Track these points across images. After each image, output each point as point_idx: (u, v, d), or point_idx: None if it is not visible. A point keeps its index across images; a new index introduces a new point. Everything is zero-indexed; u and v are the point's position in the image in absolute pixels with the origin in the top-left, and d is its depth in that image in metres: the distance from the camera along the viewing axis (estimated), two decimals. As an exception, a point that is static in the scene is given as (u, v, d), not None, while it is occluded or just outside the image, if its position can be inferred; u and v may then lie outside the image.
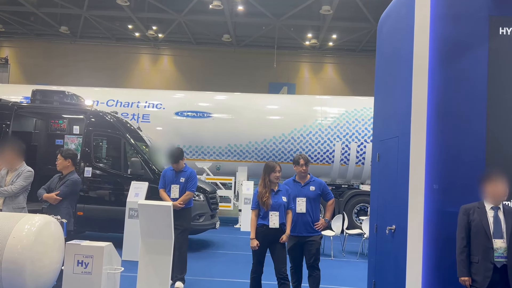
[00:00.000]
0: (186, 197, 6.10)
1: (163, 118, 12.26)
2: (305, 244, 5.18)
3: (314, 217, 5.21)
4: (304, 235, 5.15)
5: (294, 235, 5.16)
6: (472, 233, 3.72)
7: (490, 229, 3.63)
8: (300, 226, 5.14)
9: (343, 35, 20.92)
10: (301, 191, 5.26)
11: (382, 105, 5.68)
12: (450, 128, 4.37)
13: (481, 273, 3.63)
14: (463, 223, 3.77)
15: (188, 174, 6.34)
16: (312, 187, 5.28)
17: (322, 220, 5.26)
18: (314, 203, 5.26)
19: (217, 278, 6.47)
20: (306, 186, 5.29)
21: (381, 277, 5.30)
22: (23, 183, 5.08)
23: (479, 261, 3.66)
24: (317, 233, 5.23)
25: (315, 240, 5.19)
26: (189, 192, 6.17)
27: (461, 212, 3.86)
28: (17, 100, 10.75)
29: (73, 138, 9.36)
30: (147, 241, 4.13)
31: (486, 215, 3.69)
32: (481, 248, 3.65)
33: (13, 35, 23.65)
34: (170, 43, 23.55)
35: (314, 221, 5.19)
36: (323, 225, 5.25)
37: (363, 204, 11.28)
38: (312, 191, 5.26)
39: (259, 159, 12.12)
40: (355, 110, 12.23)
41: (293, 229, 5.15)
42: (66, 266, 3.52)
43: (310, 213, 5.18)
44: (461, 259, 3.73)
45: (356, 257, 8.50)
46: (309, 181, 5.33)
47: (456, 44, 4.43)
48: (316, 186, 5.30)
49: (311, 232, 5.17)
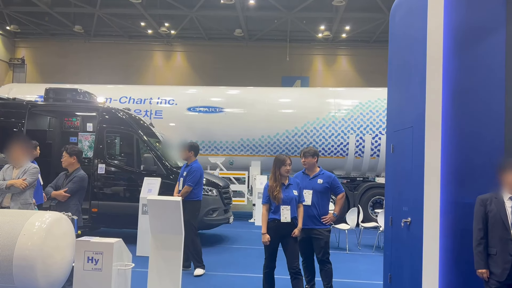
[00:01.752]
0: (183, 190, 6.30)
1: (175, 113, 12.27)
2: (313, 237, 5.12)
3: (321, 210, 5.13)
4: (310, 227, 5.08)
5: (302, 228, 5.08)
6: (490, 224, 3.60)
7: (508, 220, 3.50)
8: (305, 218, 5.06)
9: (357, 26, 20.62)
10: (309, 183, 5.20)
11: (396, 95, 5.54)
12: (467, 116, 4.23)
13: (500, 265, 3.51)
14: (480, 214, 3.65)
15: (190, 168, 6.47)
16: (320, 180, 5.20)
17: (330, 214, 5.17)
18: (321, 196, 5.18)
19: (231, 273, 6.44)
20: (314, 179, 5.22)
21: (397, 271, 5.19)
22: (30, 179, 5.10)
23: (497, 253, 3.54)
24: (324, 226, 5.14)
25: (322, 233, 5.11)
26: (186, 185, 6.31)
27: (477, 203, 3.73)
28: (31, 99, 10.88)
29: (86, 135, 9.43)
30: (157, 237, 4.10)
31: (504, 206, 3.56)
32: (499, 240, 3.53)
33: (29, 36, 23.98)
34: (183, 39, 23.58)
35: (321, 214, 5.12)
36: (331, 219, 5.16)
37: (379, 197, 11.11)
38: (319, 184, 5.18)
39: (272, 153, 12.04)
40: (369, 102, 12.03)
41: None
42: (76, 263, 3.52)
43: (316, 206, 5.10)
44: (479, 251, 3.63)
45: (372, 250, 8.38)
46: (318, 173, 5.26)
47: (471, 29, 4.27)
48: (324, 179, 5.22)
49: (318, 224, 5.10)
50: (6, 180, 5.10)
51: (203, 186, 6.73)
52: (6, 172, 5.23)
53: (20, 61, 24.05)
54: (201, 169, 6.58)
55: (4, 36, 23.35)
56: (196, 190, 6.46)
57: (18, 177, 5.10)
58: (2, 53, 23.41)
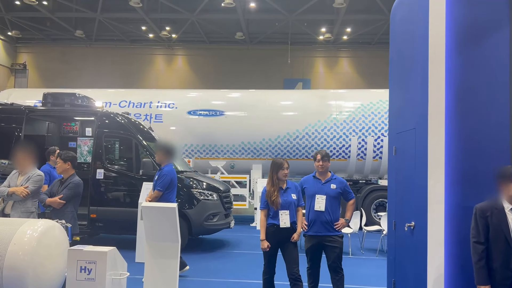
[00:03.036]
0: (153, 195, 6.03)
1: (176, 117, 12.17)
2: (325, 245, 4.92)
3: (333, 216, 4.94)
4: (324, 234, 4.89)
5: (313, 235, 4.92)
6: (490, 237, 3.36)
7: (510, 234, 3.30)
8: (318, 225, 4.89)
9: (358, 28, 20.52)
10: (322, 188, 4.99)
11: (398, 96, 5.42)
12: (470, 117, 4.10)
13: (499, 281, 3.32)
14: (481, 227, 3.40)
15: (160, 172, 6.21)
16: (333, 185, 5.01)
17: (343, 220, 4.99)
18: (334, 202, 4.99)
19: (232, 280, 6.32)
20: (327, 184, 5.02)
21: (401, 276, 5.06)
22: (32, 187, 5.02)
23: (496, 268, 3.34)
24: (338, 232, 4.96)
25: (336, 240, 4.93)
26: (156, 190, 6.04)
27: (477, 214, 3.48)
28: (31, 104, 10.82)
29: (85, 140, 9.33)
30: (152, 245, 3.99)
31: (506, 218, 3.33)
32: (500, 255, 3.31)
33: (30, 41, 24.01)
34: (184, 43, 23.54)
35: (333, 220, 4.92)
36: (343, 225, 4.98)
37: (382, 199, 10.97)
38: (332, 189, 4.99)
39: (274, 156, 11.91)
40: (371, 103, 11.91)
41: (311, 228, 4.93)
42: (68, 273, 3.40)
43: (330, 212, 4.91)
44: (481, 266, 3.37)
45: (376, 254, 8.24)
46: (330, 178, 5.07)
47: (474, 27, 4.15)
48: (337, 184, 5.04)
49: (331, 231, 4.91)
50: (11, 186, 5.02)
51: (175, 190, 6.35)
52: (12, 179, 5.16)
53: (21, 67, 24.08)
54: (172, 172, 6.22)
55: (5, 42, 23.38)
56: (167, 195, 6.08)
57: (21, 184, 5.02)
58: (3, 59, 23.44)
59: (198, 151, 12.16)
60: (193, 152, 12.18)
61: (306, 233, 5.01)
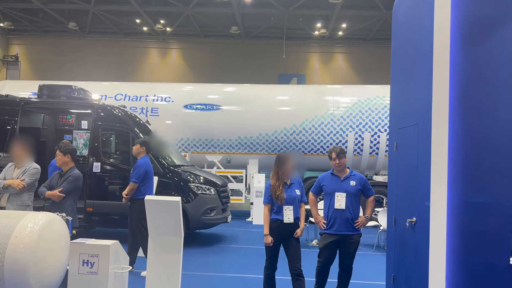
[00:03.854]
0: (128, 188, 6.17)
1: (172, 111, 12.09)
2: (344, 244, 4.86)
3: (354, 213, 4.83)
4: (344, 233, 4.81)
5: (332, 233, 4.83)
6: None
7: None
8: (339, 223, 4.80)
9: (353, 24, 20.51)
10: (341, 185, 4.88)
11: (400, 91, 5.41)
12: (475, 112, 4.10)
13: None
14: None
15: (135, 164, 6.32)
16: (352, 182, 4.89)
17: (363, 217, 4.89)
18: (355, 199, 4.88)
19: (229, 274, 6.30)
20: (346, 181, 4.91)
21: (401, 272, 5.07)
22: (28, 180, 4.95)
23: None
24: (357, 232, 4.89)
25: (355, 239, 4.86)
26: (131, 182, 6.16)
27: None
28: (25, 96, 10.67)
29: (81, 133, 9.24)
30: (155, 239, 3.95)
31: None
32: None
33: (23, 33, 23.68)
34: (178, 37, 23.37)
35: (354, 218, 4.83)
36: (363, 223, 4.87)
37: (378, 195, 10.99)
38: (352, 186, 4.88)
39: (270, 151, 11.90)
40: (368, 99, 11.92)
41: (331, 227, 4.84)
42: (71, 266, 3.36)
43: (350, 210, 4.81)
44: None
45: (372, 250, 8.27)
46: (349, 175, 4.95)
47: (480, 21, 4.14)
48: (357, 180, 4.92)
49: (352, 230, 4.83)
50: (6, 179, 4.95)
51: (152, 183, 6.43)
52: (7, 171, 5.08)
53: (14, 58, 23.76)
54: (147, 164, 6.26)
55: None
56: (142, 187, 6.17)
57: (17, 177, 4.96)
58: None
59: (194, 145, 12.10)
60: (190, 146, 12.12)
61: (324, 231, 4.91)
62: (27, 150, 5.15)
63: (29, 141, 5.22)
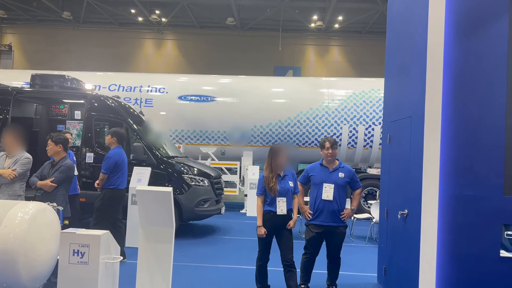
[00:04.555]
0: (99, 178, 6.19)
1: (166, 102, 12.02)
2: (330, 235, 4.89)
3: (341, 205, 4.87)
4: (330, 224, 4.84)
5: (318, 224, 4.86)
6: None
7: None
8: (325, 214, 4.83)
9: (349, 16, 20.44)
10: (330, 176, 4.90)
11: (394, 84, 5.41)
12: (468, 107, 4.11)
13: None
14: None
15: (106, 155, 6.33)
16: (341, 174, 4.92)
17: (349, 209, 4.93)
18: (342, 191, 4.91)
19: (223, 265, 6.31)
20: (335, 172, 4.93)
21: (392, 264, 5.11)
22: (20, 170, 4.91)
23: None
24: (343, 223, 4.92)
25: (340, 231, 4.90)
26: (101, 173, 6.19)
27: None
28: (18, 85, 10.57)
29: (74, 123, 9.18)
30: (146, 229, 3.94)
31: None
32: None
33: (16, 22, 23.41)
34: (174, 27, 23.20)
35: (340, 210, 4.86)
36: (349, 215, 4.91)
37: (371, 188, 11.05)
38: (341, 178, 4.90)
39: (265, 143, 11.89)
40: (363, 92, 11.91)
41: (317, 217, 4.87)
42: (61, 256, 3.34)
43: (337, 201, 4.84)
44: None
45: (365, 242, 8.31)
46: (338, 166, 4.96)
47: (474, 15, 4.14)
48: (346, 173, 4.94)
49: (337, 221, 4.86)
50: None
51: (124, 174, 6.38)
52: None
53: (7, 48, 23.50)
54: (117, 155, 6.23)
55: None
56: (113, 178, 6.18)
57: (8, 167, 4.91)
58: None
59: (188, 137, 12.06)
60: (184, 138, 12.08)
61: (310, 222, 4.94)
62: (18, 140, 5.10)
63: (20, 131, 5.18)
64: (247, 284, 5.26)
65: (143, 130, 8.30)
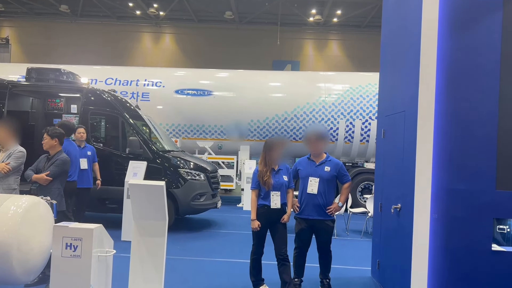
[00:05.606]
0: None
1: (163, 96, 12.01)
2: (316, 229, 4.84)
3: (327, 200, 4.79)
4: (315, 218, 4.79)
5: (303, 218, 4.83)
6: None
7: None
8: (310, 208, 4.78)
9: (348, 10, 20.38)
10: (315, 170, 4.83)
11: (388, 78, 5.42)
12: (460, 100, 4.12)
13: None
14: None
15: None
16: (327, 167, 4.82)
17: (336, 203, 4.85)
18: (328, 185, 4.82)
19: (218, 259, 6.34)
20: (321, 166, 4.84)
21: (386, 257, 5.14)
22: (14, 164, 4.92)
23: None
24: (329, 217, 4.83)
25: (328, 224, 4.82)
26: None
27: None
28: (14, 79, 10.55)
29: (71, 117, 9.15)
30: (140, 223, 3.95)
31: None
32: None
33: (13, 15, 23.31)
34: (172, 21, 23.13)
35: (326, 204, 4.78)
36: (336, 210, 4.82)
37: (368, 182, 11.08)
38: (326, 172, 4.81)
39: (262, 137, 11.90)
40: (359, 87, 11.91)
41: (303, 211, 4.84)
42: (54, 249, 3.35)
43: (322, 195, 4.76)
44: None
45: (360, 236, 8.35)
46: (324, 160, 4.88)
47: (468, 9, 4.14)
48: (332, 166, 4.84)
49: (323, 215, 4.78)
50: None
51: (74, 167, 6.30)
52: None
53: (4, 41, 23.41)
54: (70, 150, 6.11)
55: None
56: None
57: (2, 160, 4.92)
58: (-15, 33, 22.78)
59: (185, 131, 12.06)
60: (180, 132, 12.08)
61: (297, 216, 4.93)
62: (12, 133, 5.10)
63: (14, 124, 5.17)
64: (242, 277, 5.29)
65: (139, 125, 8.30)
